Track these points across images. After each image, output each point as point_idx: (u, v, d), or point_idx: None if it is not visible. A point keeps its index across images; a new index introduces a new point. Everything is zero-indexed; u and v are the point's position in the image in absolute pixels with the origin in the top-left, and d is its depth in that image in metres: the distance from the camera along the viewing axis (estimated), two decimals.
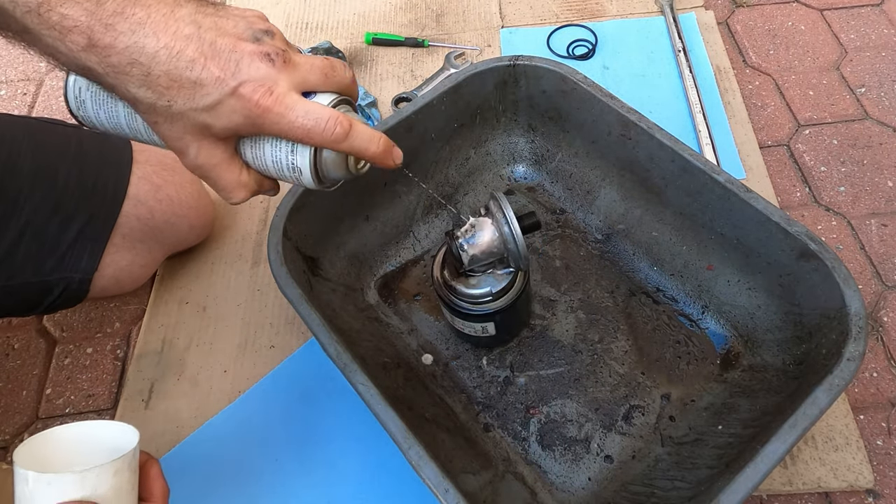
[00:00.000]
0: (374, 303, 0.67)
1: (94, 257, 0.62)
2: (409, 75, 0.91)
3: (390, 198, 0.68)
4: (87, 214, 0.61)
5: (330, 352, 0.49)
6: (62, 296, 0.62)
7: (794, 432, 0.42)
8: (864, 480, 0.56)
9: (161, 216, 0.66)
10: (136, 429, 0.39)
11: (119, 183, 0.63)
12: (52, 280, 0.60)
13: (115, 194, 0.62)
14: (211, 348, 0.69)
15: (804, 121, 0.83)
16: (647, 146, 0.60)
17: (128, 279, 0.66)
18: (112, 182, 0.63)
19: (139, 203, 0.64)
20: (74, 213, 0.60)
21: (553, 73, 0.64)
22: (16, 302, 0.60)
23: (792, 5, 0.96)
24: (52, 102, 0.96)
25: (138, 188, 0.64)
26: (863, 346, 0.45)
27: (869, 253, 0.71)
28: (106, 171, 0.63)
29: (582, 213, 0.71)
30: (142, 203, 0.64)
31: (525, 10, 0.97)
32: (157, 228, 0.66)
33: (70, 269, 0.60)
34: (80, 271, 0.61)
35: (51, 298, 0.61)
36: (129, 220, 0.63)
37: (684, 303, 0.64)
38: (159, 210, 0.65)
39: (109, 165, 0.63)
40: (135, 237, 0.64)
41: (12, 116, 0.62)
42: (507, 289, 0.55)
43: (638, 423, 0.58)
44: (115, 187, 0.63)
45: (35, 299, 0.61)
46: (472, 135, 0.71)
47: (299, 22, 1.00)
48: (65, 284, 0.61)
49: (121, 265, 0.64)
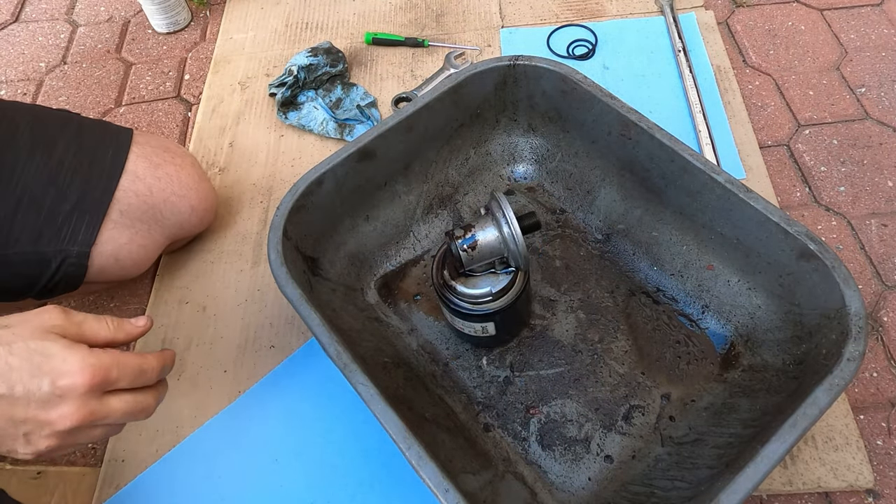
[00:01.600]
0: (374, 303, 0.67)
1: (91, 229, 0.61)
2: (409, 75, 0.91)
3: (390, 197, 0.68)
4: (85, 186, 0.61)
5: (330, 352, 0.49)
6: (60, 271, 0.61)
7: (794, 432, 0.42)
8: (864, 480, 0.56)
9: (160, 194, 0.65)
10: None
11: (117, 157, 0.63)
12: (48, 252, 0.60)
13: (112, 167, 0.63)
14: (211, 348, 0.69)
15: (804, 121, 0.83)
16: (647, 146, 0.60)
17: (128, 258, 0.65)
18: (110, 156, 0.63)
19: (137, 178, 0.64)
20: (71, 184, 0.60)
21: (553, 73, 0.64)
22: (13, 276, 0.60)
23: (792, 5, 0.96)
24: (52, 102, 0.96)
25: (136, 164, 0.64)
26: (863, 346, 0.45)
27: (869, 253, 0.71)
28: (104, 147, 0.63)
29: (582, 213, 0.71)
30: (140, 179, 0.64)
31: (525, 10, 0.97)
32: (156, 207, 0.65)
33: (67, 242, 0.60)
34: (77, 244, 0.61)
35: (49, 273, 0.60)
36: (128, 195, 0.63)
37: (684, 303, 0.64)
38: (158, 187, 0.65)
39: (108, 142, 0.64)
40: (133, 214, 0.64)
41: (17, 102, 0.64)
42: (507, 289, 0.55)
43: (638, 422, 0.58)
44: (112, 161, 0.63)
45: (33, 274, 0.60)
46: (472, 135, 0.71)
47: (299, 22, 1.00)
48: (62, 257, 0.60)
49: (120, 242, 0.63)
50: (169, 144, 0.70)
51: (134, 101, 0.95)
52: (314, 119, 0.85)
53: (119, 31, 1.06)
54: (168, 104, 0.94)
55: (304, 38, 0.98)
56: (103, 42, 1.04)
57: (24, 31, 1.07)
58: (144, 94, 0.96)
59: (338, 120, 0.84)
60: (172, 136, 0.90)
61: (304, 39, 0.98)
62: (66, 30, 1.07)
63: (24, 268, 0.60)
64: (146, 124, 0.92)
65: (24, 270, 0.60)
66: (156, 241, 0.67)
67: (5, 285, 0.60)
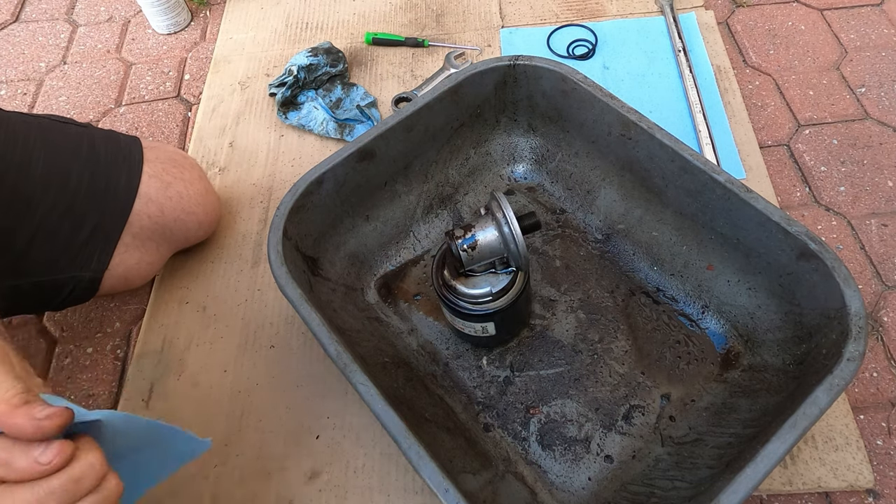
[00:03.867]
0: (374, 303, 0.67)
1: (104, 256, 0.62)
2: (409, 75, 0.91)
3: (390, 197, 0.68)
4: (99, 214, 0.61)
5: (330, 352, 0.49)
6: (72, 294, 0.62)
7: (794, 432, 0.42)
8: (864, 480, 0.56)
9: (171, 213, 0.66)
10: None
11: (130, 182, 0.63)
12: (62, 278, 0.60)
13: (126, 194, 0.63)
14: (211, 348, 0.69)
15: (804, 121, 0.83)
16: (647, 146, 0.60)
17: (136, 277, 0.67)
18: (124, 182, 0.63)
19: (150, 201, 0.64)
20: (87, 214, 0.60)
21: (553, 73, 0.64)
22: (27, 300, 0.60)
23: (792, 5, 0.96)
24: (52, 102, 0.96)
25: (149, 186, 0.64)
26: (863, 345, 0.45)
27: (869, 253, 0.71)
28: (117, 170, 0.63)
29: (582, 213, 0.71)
30: (152, 201, 0.64)
31: (525, 10, 0.97)
32: (167, 226, 0.66)
33: (81, 268, 0.61)
34: (90, 270, 0.61)
35: (61, 297, 0.61)
36: (140, 218, 0.64)
37: (684, 303, 0.64)
38: (169, 207, 0.66)
39: (121, 165, 0.63)
40: (145, 235, 0.65)
41: (24, 116, 0.62)
42: (507, 289, 0.55)
43: (638, 422, 0.58)
44: (126, 187, 0.63)
45: (46, 297, 0.61)
46: (472, 135, 0.71)
47: (299, 22, 1.00)
48: (75, 283, 0.61)
49: (129, 263, 0.64)
50: (176, 156, 0.70)
51: (134, 101, 0.95)
52: (314, 119, 0.85)
53: (119, 31, 1.05)
54: (168, 104, 0.94)
55: (304, 38, 0.98)
56: (103, 42, 1.04)
57: (24, 31, 1.07)
58: (144, 94, 0.96)
59: (338, 120, 0.84)
60: (172, 137, 0.90)
61: (304, 39, 0.98)
62: (66, 30, 1.07)
63: (38, 294, 0.60)
64: (146, 124, 0.92)
65: (37, 296, 0.60)
66: (162, 256, 0.69)
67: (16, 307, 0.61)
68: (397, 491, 0.58)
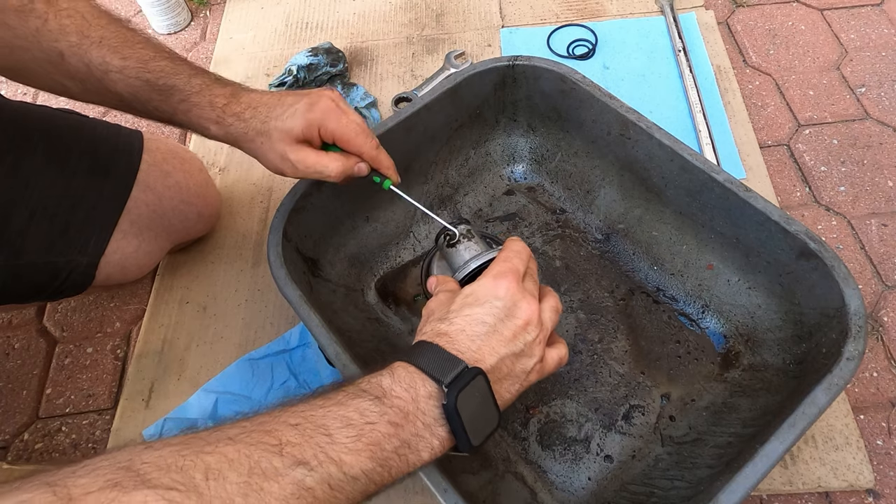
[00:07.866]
0: (374, 303, 0.67)
1: (101, 241, 0.62)
2: (409, 75, 0.91)
3: (390, 198, 0.68)
4: (97, 198, 0.61)
5: (329, 352, 0.49)
6: (68, 280, 0.61)
7: (793, 432, 0.42)
8: (864, 480, 0.56)
9: (169, 202, 0.66)
10: None
11: (129, 169, 0.63)
12: (59, 262, 0.60)
13: (125, 180, 0.63)
14: (211, 348, 0.69)
15: (804, 121, 0.83)
16: (646, 146, 0.60)
17: (133, 266, 0.66)
18: (123, 167, 0.63)
19: (148, 189, 0.64)
20: (84, 196, 0.60)
21: (552, 73, 0.64)
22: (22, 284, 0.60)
23: (792, 5, 0.96)
24: (52, 102, 0.96)
25: (147, 174, 0.64)
26: (862, 345, 0.45)
27: (869, 253, 0.71)
28: (117, 156, 0.63)
29: (582, 213, 0.71)
30: (150, 189, 0.64)
31: (525, 10, 0.97)
32: (165, 215, 0.66)
33: (77, 252, 0.60)
34: (87, 255, 0.61)
35: (57, 282, 0.61)
36: (138, 205, 0.63)
37: (684, 302, 0.64)
38: (167, 196, 0.66)
39: (121, 151, 0.64)
40: (142, 223, 0.64)
41: (26, 104, 0.63)
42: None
43: (638, 422, 0.58)
44: (125, 173, 0.63)
45: (41, 282, 0.60)
46: (472, 135, 0.71)
47: (299, 22, 1.00)
48: (71, 268, 0.60)
49: (127, 251, 0.64)
50: (177, 149, 0.70)
51: None
52: None
53: None
54: None
55: (304, 37, 0.98)
56: None
57: None
58: None
59: None
60: (173, 136, 0.90)
61: (304, 39, 0.98)
62: None
63: (34, 276, 0.60)
64: (146, 123, 0.92)
65: (33, 279, 0.60)
66: (161, 247, 0.68)
67: (13, 292, 0.61)
68: (397, 490, 0.58)
